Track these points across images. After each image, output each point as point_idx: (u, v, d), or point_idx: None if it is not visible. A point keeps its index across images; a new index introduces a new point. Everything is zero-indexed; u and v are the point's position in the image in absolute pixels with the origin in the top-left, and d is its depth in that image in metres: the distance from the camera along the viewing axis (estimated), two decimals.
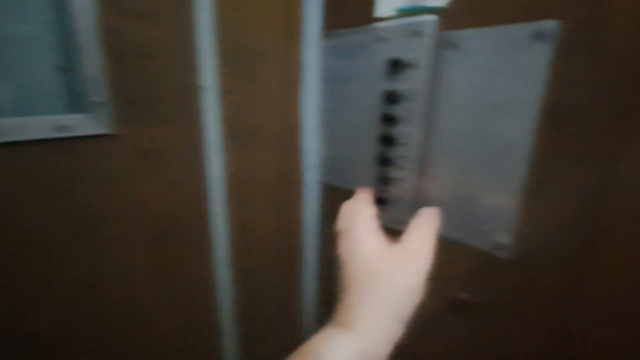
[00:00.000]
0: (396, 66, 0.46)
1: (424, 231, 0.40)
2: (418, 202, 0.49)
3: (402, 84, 0.47)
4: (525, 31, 0.35)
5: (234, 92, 0.50)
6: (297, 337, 0.73)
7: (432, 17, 0.42)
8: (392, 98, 0.47)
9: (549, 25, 0.34)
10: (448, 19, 0.41)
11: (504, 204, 0.40)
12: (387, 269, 0.36)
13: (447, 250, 0.47)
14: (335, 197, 0.62)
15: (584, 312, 0.37)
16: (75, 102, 0.41)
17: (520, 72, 0.36)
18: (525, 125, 0.37)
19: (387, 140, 0.49)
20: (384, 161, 0.50)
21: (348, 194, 0.60)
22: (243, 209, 0.57)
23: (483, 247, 0.43)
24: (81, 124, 0.41)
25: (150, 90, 0.46)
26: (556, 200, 0.37)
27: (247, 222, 0.59)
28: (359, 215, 0.42)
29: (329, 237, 0.66)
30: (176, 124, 0.48)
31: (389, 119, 0.48)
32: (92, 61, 0.40)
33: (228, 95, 0.49)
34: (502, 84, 0.38)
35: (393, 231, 0.54)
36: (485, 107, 0.40)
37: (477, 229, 0.43)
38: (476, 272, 0.45)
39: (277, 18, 0.53)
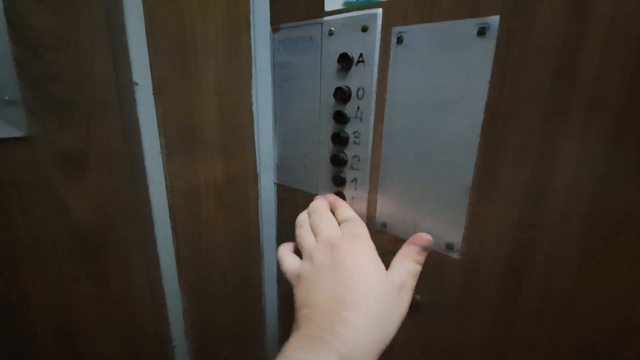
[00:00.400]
0: (345, 61, 0.44)
1: (407, 261, 0.39)
2: (371, 204, 0.48)
3: (351, 81, 0.45)
4: (469, 27, 0.34)
5: (172, 90, 0.46)
6: (259, 348, 0.70)
7: (377, 11, 0.40)
8: (342, 95, 0.45)
9: (492, 20, 0.33)
10: (394, 13, 0.40)
11: (453, 203, 0.39)
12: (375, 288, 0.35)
13: (398, 248, 0.46)
14: (293, 198, 0.60)
15: (524, 310, 0.37)
16: None
17: (465, 69, 0.36)
18: (471, 122, 0.36)
19: (340, 140, 0.47)
20: (337, 161, 0.49)
21: (304, 196, 0.58)
22: (189, 216, 0.53)
23: (435, 248, 0.42)
24: None
25: (70, 87, 0.41)
26: (499, 198, 0.36)
27: (196, 229, 0.55)
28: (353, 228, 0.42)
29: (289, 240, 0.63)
30: (104, 124, 0.43)
31: (340, 117, 0.46)
32: None
33: (165, 93, 0.45)
34: (447, 80, 0.37)
35: None
36: (433, 104, 0.39)
37: (430, 229, 0.42)
38: (429, 273, 0.44)
39: (220, 9, 0.49)
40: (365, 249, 0.40)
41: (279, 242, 0.64)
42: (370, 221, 0.48)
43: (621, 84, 0.28)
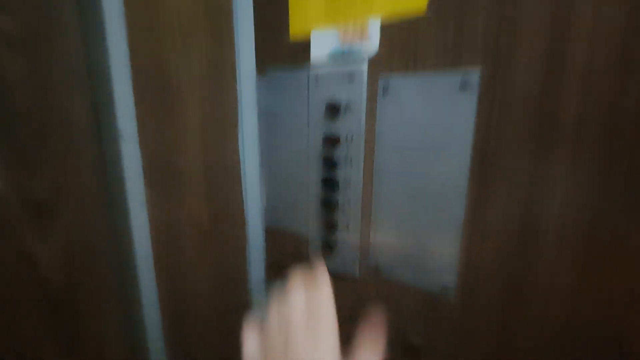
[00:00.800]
0: (333, 109, 0.45)
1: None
2: (363, 247, 0.47)
3: (340, 127, 0.46)
4: (452, 77, 0.36)
5: (155, 132, 0.45)
6: None
7: (363, 62, 0.42)
8: (331, 141, 0.46)
9: (474, 71, 0.35)
10: (379, 64, 0.41)
11: (447, 243, 0.40)
12: None
13: (396, 292, 0.46)
14: (281, 241, 0.59)
15: (517, 350, 0.37)
16: None
17: (450, 115, 0.37)
18: (458, 167, 0.37)
19: (330, 184, 0.47)
20: (328, 205, 0.48)
21: (294, 238, 0.57)
22: (173, 265, 0.50)
23: (431, 288, 0.42)
24: None
25: (41, 130, 0.39)
26: (491, 237, 0.37)
27: (180, 278, 0.52)
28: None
29: (278, 286, 0.61)
30: (78, 169, 0.41)
31: (329, 162, 0.47)
32: None
33: (147, 135, 0.44)
34: (434, 126, 0.38)
35: (340, 278, 0.51)
36: (421, 149, 0.40)
37: (424, 271, 0.42)
38: (424, 314, 0.43)
39: (204, 53, 0.49)
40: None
41: (269, 287, 0.62)
42: (363, 263, 0.48)
43: (601, 126, 0.30)
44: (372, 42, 0.41)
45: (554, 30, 0.31)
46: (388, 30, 0.40)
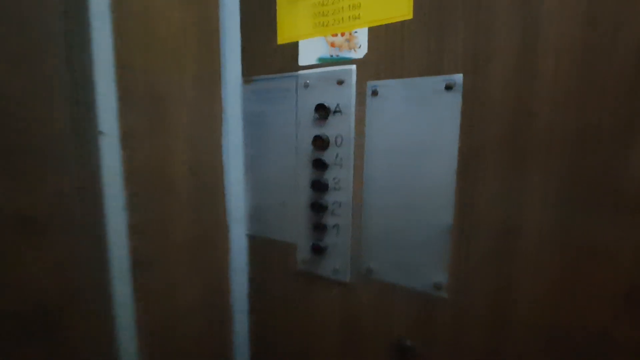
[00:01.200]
0: (322, 111, 0.46)
1: None
2: (357, 250, 0.47)
3: (329, 130, 0.47)
4: (437, 83, 0.38)
5: (140, 140, 0.43)
6: None
7: (351, 67, 0.44)
8: (320, 143, 0.46)
9: (456, 78, 0.37)
10: (367, 69, 0.43)
11: (438, 241, 0.41)
12: None
13: (389, 295, 0.45)
14: (266, 250, 0.57)
15: (510, 344, 0.38)
16: None
17: (437, 118, 0.39)
18: (446, 166, 0.39)
19: (319, 186, 0.48)
20: (318, 208, 0.48)
21: (280, 246, 0.56)
22: (154, 277, 0.47)
23: (423, 289, 0.42)
24: None
25: (20, 137, 0.36)
26: (480, 233, 0.39)
27: (161, 292, 0.48)
28: None
29: (260, 298, 0.59)
30: (57, 178, 0.38)
31: (319, 164, 0.47)
32: None
33: (133, 143, 0.42)
34: (422, 129, 0.40)
35: (331, 282, 0.50)
36: (410, 151, 0.41)
37: (416, 270, 0.43)
38: (417, 315, 0.43)
39: (192, 60, 0.49)
40: None
41: (253, 299, 0.60)
42: (355, 267, 0.47)
43: (574, 128, 0.33)
44: (359, 48, 0.43)
45: (525, 35, 0.34)
46: (375, 36, 0.42)
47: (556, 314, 0.36)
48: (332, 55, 0.45)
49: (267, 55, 0.52)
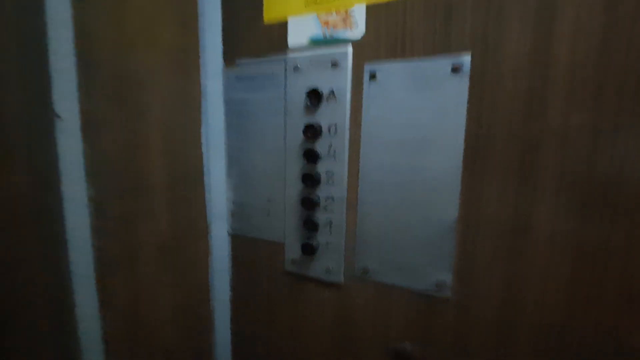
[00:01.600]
0: (314, 97, 0.42)
1: None
2: (352, 249, 0.43)
3: (322, 117, 0.42)
4: (442, 64, 0.35)
5: (107, 127, 0.38)
6: None
7: (347, 48, 0.40)
8: (312, 132, 0.42)
9: (464, 58, 0.34)
10: (365, 50, 0.39)
11: (440, 239, 0.38)
12: None
13: (387, 296, 0.42)
14: (252, 250, 0.52)
15: (517, 346, 0.36)
16: None
17: (441, 104, 0.36)
18: (451, 156, 0.36)
19: (311, 180, 0.43)
20: (309, 203, 0.44)
21: (267, 246, 0.51)
22: (124, 287, 0.41)
23: (424, 289, 0.39)
24: None
25: None
26: (487, 231, 0.36)
27: (132, 301, 0.43)
28: None
29: (244, 304, 0.54)
30: (7, 171, 0.32)
31: (311, 155, 0.43)
32: None
33: (98, 131, 0.36)
34: (425, 117, 0.37)
35: (324, 284, 0.46)
36: (411, 141, 0.38)
37: (417, 270, 0.39)
38: (419, 318, 0.40)
39: (168, 39, 0.43)
40: None
41: (235, 305, 0.55)
42: (349, 267, 0.44)
43: (590, 121, 0.31)
44: (356, 27, 0.39)
45: (540, 14, 0.31)
46: (374, 14, 0.38)
47: (565, 316, 0.34)
48: (325, 35, 0.41)
49: (252, 36, 0.47)
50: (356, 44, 0.40)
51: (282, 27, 0.44)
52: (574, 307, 0.33)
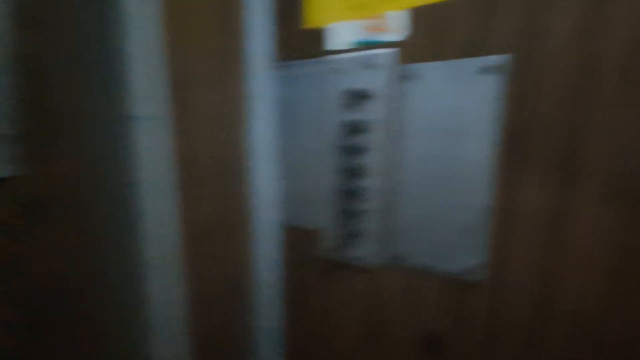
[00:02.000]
0: (354, 97, 0.45)
1: None
2: (387, 235, 0.47)
3: (362, 114, 0.46)
4: (479, 65, 0.38)
5: (175, 124, 0.42)
6: None
7: (387, 50, 0.43)
8: (353, 129, 0.46)
9: (497, 59, 0.37)
10: (404, 51, 0.43)
11: (475, 226, 0.41)
12: None
13: (418, 279, 0.45)
14: (297, 238, 0.56)
15: (553, 334, 0.38)
16: None
17: (474, 101, 0.39)
18: (484, 148, 0.39)
19: (351, 172, 0.47)
20: (349, 194, 0.48)
21: (310, 235, 0.54)
22: (173, 267, 0.46)
23: (457, 273, 0.42)
24: None
25: (44, 119, 0.34)
26: (523, 219, 0.38)
27: (181, 281, 0.47)
28: None
29: (290, 290, 0.58)
30: (89, 163, 0.36)
31: (351, 150, 0.47)
32: None
33: (171, 127, 0.41)
34: (460, 111, 0.40)
35: (363, 269, 0.50)
36: (447, 134, 0.41)
37: (448, 254, 0.43)
38: (450, 302, 0.43)
39: (212, 42, 0.47)
40: None
41: (280, 293, 0.58)
42: (387, 253, 0.47)
43: None
44: (396, 31, 0.43)
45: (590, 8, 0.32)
46: (414, 18, 0.41)
47: (604, 306, 0.35)
48: (366, 38, 0.45)
49: (297, 39, 0.51)
50: (395, 46, 0.43)
51: (326, 31, 0.48)
52: (614, 298, 0.34)
